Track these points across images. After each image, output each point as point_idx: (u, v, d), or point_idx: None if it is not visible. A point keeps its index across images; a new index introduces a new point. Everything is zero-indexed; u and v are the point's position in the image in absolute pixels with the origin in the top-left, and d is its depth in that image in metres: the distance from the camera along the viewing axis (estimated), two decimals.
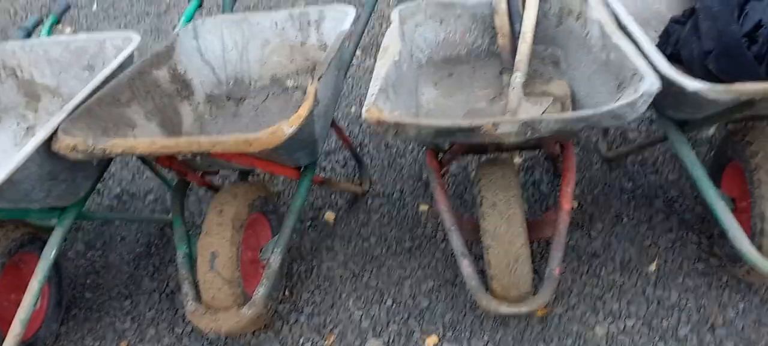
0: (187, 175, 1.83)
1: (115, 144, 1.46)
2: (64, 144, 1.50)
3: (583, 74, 1.86)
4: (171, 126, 2.01)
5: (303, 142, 1.71)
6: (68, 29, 4.13)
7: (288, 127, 1.46)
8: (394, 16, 2.06)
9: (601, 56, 1.71)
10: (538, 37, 2.09)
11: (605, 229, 2.07)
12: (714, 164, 1.90)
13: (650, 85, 1.39)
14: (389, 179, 2.47)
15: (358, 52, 3.22)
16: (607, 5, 1.93)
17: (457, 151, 1.86)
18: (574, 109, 1.88)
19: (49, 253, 1.72)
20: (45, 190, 1.63)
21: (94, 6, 4.46)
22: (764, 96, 1.37)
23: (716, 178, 1.88)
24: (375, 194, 2.40)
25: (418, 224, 2.24)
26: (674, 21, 2.03)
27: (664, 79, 1.47)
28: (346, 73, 2.26)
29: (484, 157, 2.35)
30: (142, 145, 1.45)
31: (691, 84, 1.42)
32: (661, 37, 2.05)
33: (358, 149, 2.61)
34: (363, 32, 2.39)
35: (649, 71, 1.44)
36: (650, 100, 1.39)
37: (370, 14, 2.41)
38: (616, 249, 2.00)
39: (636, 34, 1.69)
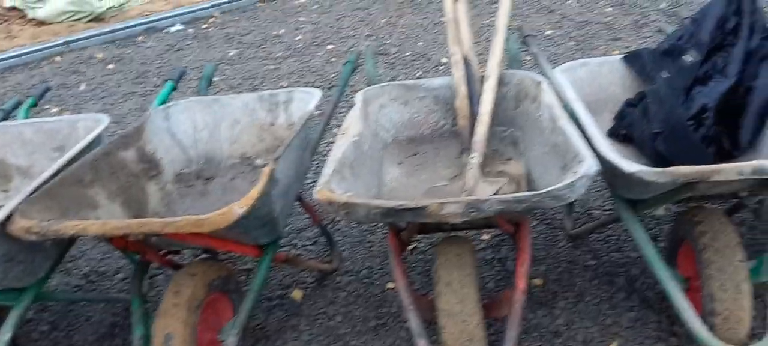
0: (147, 255, 1.84)
1: (67, 226, 1.48)
2: (19, 226, 1.52)
3: (537, 155, 1.91)
4: (136, 206, 2.04)
5: (260, 221, 1.73)
6: (55, 109, 4.21)
7: (239, 208, 1.49)
8: (358, 98, 2.13)
9: (551, 139, 1.76)
10: (498, 119, 2.15)
11: (568, 307, 2.07)
12: (669, 243, 1.92)
13: (588, 167, 1.43)
14: (359, 256, 2.48)
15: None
16: (562, 89, 2.01)
17: (415, 230, 1.88)
18: (528, 189, 1.92)
19: (5, 336, 1.71)
20: (1, 271, 1.64)
21: (82, 86, 4.58)
22: (699, 179, 1.41)
23: (672, 257, 1.90)
24: (344, 271, 2.41)
25: (384, 302, 2.24)
26: (628, 103, 2.10)
27: (606, 161, 1.52)
28: (314, 152, 2.31)
29: (442, 236, 2.38)
30: (94, 228, 1.47)
31: (629, 166, 1.46)
32: (615, 118, 2.12)
33: (330, 226, 2.63)
34: (333, 112, 2.46)
35: (588, 154, 1.48)
36: (588, 182, 1.42)
37: (341, 95, 2.49)
38: (578, 328, 1.99)
39: (582, 118, 1.75)
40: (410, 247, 2.46)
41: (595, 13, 4.48)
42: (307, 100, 2.19)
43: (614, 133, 2.10)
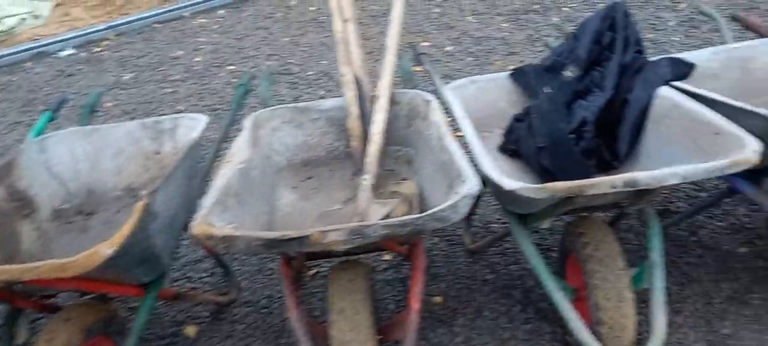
0: (16, 302, 1.70)
1: None
2: None
3: (428, 174, 1.91)
4: (7, 249, 1.88)
5: (137, 258, 1.63)
6: None
7: (107, 248, 1.39)
8: (247, 123, 2.06)
9: (439, 157, 1.76)
10: (392, 138, 2.14)
11: (467, 323, 2.07)
12: (559, 254, 1.96)
13: (470, 187, 1.43)
14: (258, 285, 2.40)
15: None
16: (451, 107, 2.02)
17: (306, 257, 1.83)
18: (421, 207, 1.91)
19: None
20: None
21: None
22: (576, 193, 1.44)
23: (562, 267, 1.94)
24: (242, 302, 2.32)
25: (284, 333, 2.16)
26: (516, 119, 2.14)
27: (489, 179, 1.53)
28: (204, 179, 2.22)
29: (338, 261, 2.34)
30: None
31: (509, 184, 1.47)
32: (504, 134, 2.15)
33: (228, 256, 2.53)
34: (224, 137, 2.37)
35: (471, 174, 1.48)
36: (471, 201, 1.42)
37: (233, 120, 2.41)
38: (476, 344, 1.99)
39: (468, 136, 1.76)
40: (312, 272, 2.40)
41: (492, 28, 4.59)
42: (193, 126, 2.11)
43: (504, 149, 2.13)
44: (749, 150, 1.43)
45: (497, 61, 4.06)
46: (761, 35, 2.49)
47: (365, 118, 2.09)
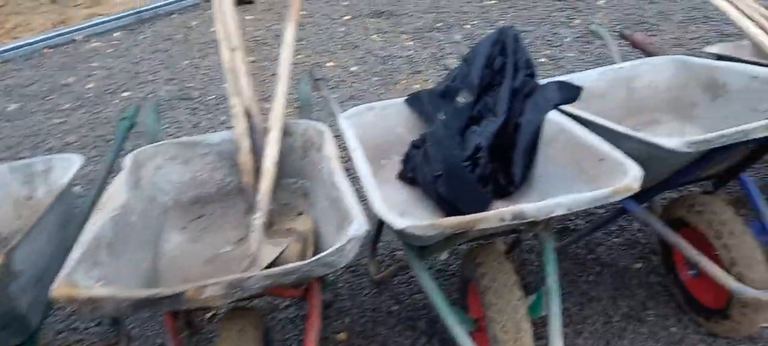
0: None
1: None
2: None
3: (322, 209, 1.83)
4: None
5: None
6: None
7: None
8: (127, 162, 1.92)
9: (331, 193, 1.69)
10: (287, 170, 2.05)
11: None
12: (460, 283, 1.93)
13: (357, 229, 1.36)
14: (151, 332, 2.24)
15: None
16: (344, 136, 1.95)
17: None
18: (316, 245, 1.83)
19: None
20: None
21: None
22: (465, 228, 1.40)
23: (464, 298, 1.90)
24: None
25: None
26: (413, 145, 2.10)
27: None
28: (82, 225, 2.04)
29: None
30: None
31: (396, 223, 1.42)
32: (403, 161, 2.11)
33: None
34: (106, 178, 2.21)
35: (358, 214, 1.42)
36: (359, 243, 1.36)
37: (116, 157, 2.25)
38: None
39: (359, 168, 1.70)
40: (208, 315, 2.27)
41: (396, 47, 4.59)
42: (68, 168, 1.94)
43: (403, 177, 2.09)
44: (630, 177, 1.44)
45: (402, 80, 4.05)
46: (647, 53, 2.57)
47: (257, 152, 1.99)
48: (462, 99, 2.02)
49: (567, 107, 1.95)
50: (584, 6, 4.91)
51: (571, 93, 2.03)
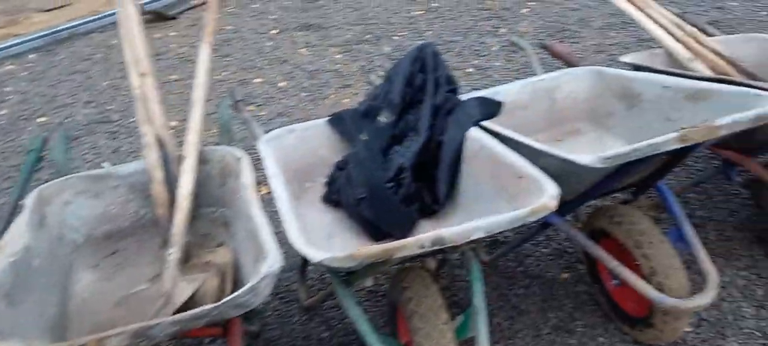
0: None
1: None
2: None
3: (241, 240, 1.76)
4: None
5: None
6: None
7: None
8: (29, 201, 1.80)
9: (247, 225, 1.62)
10: (207, 199, 1.98)
11: None
12: (388, 307, 1.89)
13: (270, 265, 1.30)
14: None
15: None
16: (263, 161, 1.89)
17: None
18: (236, 277, 1.76)
19: None
20: None
21: None
22: (383, 258, 1.36)
23: (393, 322, 1.87)
24: None
25: None
26: (337, 167, 2.05)
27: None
28: None
29: None
30: None
31: (313, 255, 1.37)
32: (327, 184, 2.06)
33: None
34: (11, 219, 2.06)
35: (273, 249, 1.36)
36: (274, 280, 1.30)
37: (22, 193, 2.11)
38: None
39: (277, 195, 1.64)
40: None
41: (325, 60, 4.53)
42: None
43: (328, 199, 2.03)
44: (547, 196, 1.43)
45: (331, 95, 4.00)
46: (567, 63, 2.61)
47: (171, 182, 1.90)
48: (383, 118, 1.98)
49: (488, 123, 1.94)
50: (509, 15, 4.98)
51: (491, 108, 2.03)
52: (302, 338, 2.16)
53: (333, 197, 2.01)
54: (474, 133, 1.88)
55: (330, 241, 1.89)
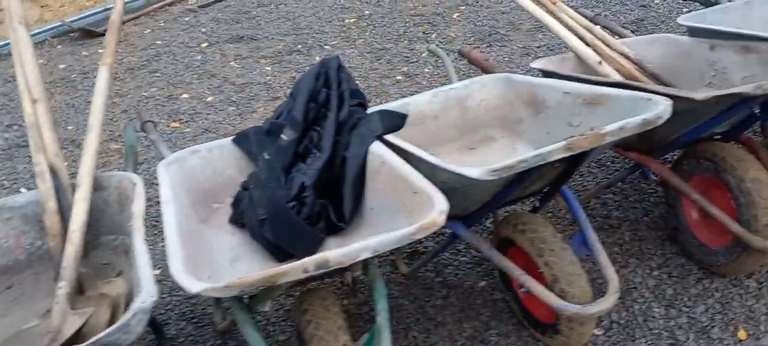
0: None
1: None
2: None
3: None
4: None
5: None
6: None
7: None
8: None
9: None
10: (107, 226, 1.91)
11: None
12: (296, 332, 1.85)
13: (143, 301, 1.25)
14: None
15: None
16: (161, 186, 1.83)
17: None
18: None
19: None
20: None
21: None
22: (263, 285, 1.32)
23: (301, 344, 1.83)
24: None
25: None
26: (243, 187, 2.00)
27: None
28: None
29: None
30: None
31: (191, 286, 1.32)
32: (232, 205, 2.01)
33: None
34: None
35: (148, 282, 1.31)
36: (146, 316, 1.25)
37: None
38: None
39: (167, 222, 1.58)
40: None
41: (255, 73, 4.47)
42: None
43: (234, 221, 1.98)
44: (436, 212, 1.42)
45: (260, 109, 3.94)
46: (483, 70, 2.62)
47: (64, 212, 1.83)
48: (285, 136, 1.95)
49: (392, 136, 1.92)
50: (440, 20, 5.00)
51: (395, 121, 2.01)
52: None
53: (238, 219, 1.96)
54: (376, 148, 1.85)
55: (234, 264, 1.84)
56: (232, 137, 2.10)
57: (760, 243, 1.90)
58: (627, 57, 2.45)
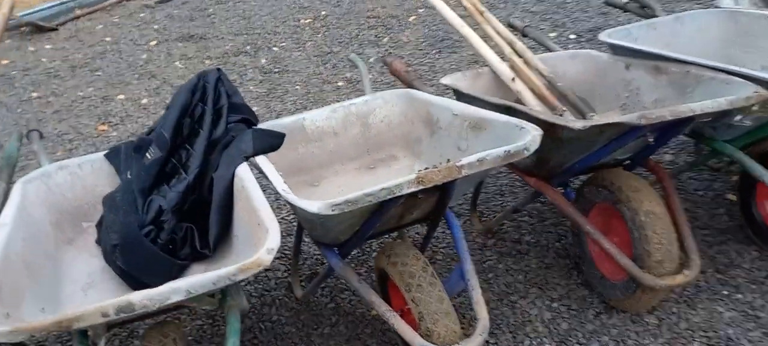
0: None
1: None
2: None
3: None
4: None
5: None
6: None
7: None
8: None
9: None
10: None
11: None
12: None
13: None
14: None
15: None
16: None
17: None
18: None
19: None
20: None
21: None
22: (57, 330, 1.21)
23: None
24: None
25: None
26: (104, 203, 1.88)
27: None
28: None
29: None
30: None
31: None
32: (96, 226, 1.89)
33: None
34: None
35: None
36: None
37: None
38: None
39: None
40: None
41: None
42: None
43: (100, 243, 1.86)
44: (263, 251, 1.30)
45: None
46: (403, 82, 2.50)
47: None
48: (149, 156, 1.83)
49: (258, 159, 1.80)
50: (395, 23, 4.88)
51: (270, 141, 1.89)
52: None
53: (99, 242, 1.84)
54: (241, 170, 1.73)
55: (87, 292, 1.72)
56: (105, 152, 1.98)
57: (650, 281, 1.79)
58: (540, 74, 2.34)
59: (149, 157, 1.82)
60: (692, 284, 2.09)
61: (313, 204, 1.41)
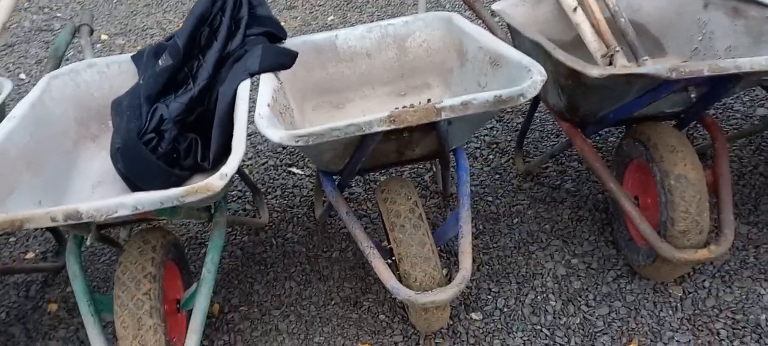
0: None
1: None
2: None
3: None
4: None
5: None
6: None
7: None
8: None
9: None
10: None
11: None
12: None
13: None
14: None
15: None
16: None
17: None
18: None
19: None
20: None
21: None
22: (6, 229, 1.25)
23: None
24: None
25: None
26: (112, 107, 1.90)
27: None
28: None
29: None
30: None
31: None
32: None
33: None
34: None
35: None
36: None
37: None
38: None
39: None
40: None
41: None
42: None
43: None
44: (217, 175, 1.28)
45: None
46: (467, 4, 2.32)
47: None
48: (161, 63, 1.82)
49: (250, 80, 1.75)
50: None
51: (281, 59, 1.83)
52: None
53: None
54: (241, 89, 1.69)
55: (96, 189, 1.79)
56: (132, 53, 2.01)
57: (667, 251, 1.60)
58: (606, 5, 2.08)
59: (161, 64, 1.82)
60: (729, 259, 1.86)
61: (276, 133, 1.35)
